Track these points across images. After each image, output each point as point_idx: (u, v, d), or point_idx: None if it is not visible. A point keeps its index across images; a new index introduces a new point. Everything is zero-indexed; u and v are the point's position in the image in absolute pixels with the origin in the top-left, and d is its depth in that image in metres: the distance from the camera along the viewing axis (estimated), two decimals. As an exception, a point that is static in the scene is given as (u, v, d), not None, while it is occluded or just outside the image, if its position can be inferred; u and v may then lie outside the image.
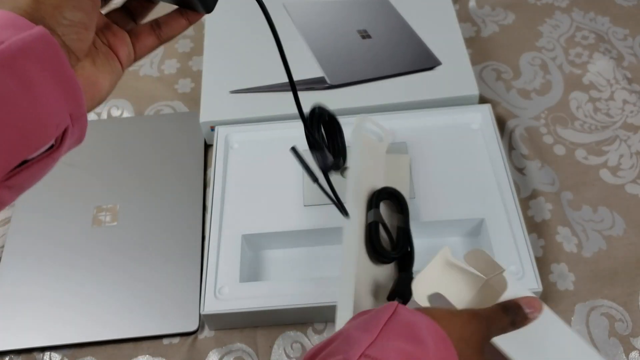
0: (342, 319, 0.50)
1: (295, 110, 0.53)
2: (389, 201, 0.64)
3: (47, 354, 0.65)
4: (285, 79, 0.50)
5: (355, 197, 0.61)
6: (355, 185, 0.62)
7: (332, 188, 0.52)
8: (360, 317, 0.42)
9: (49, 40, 0.33)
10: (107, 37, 0.43)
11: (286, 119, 0.75)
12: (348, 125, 0.74)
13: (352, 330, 0.39)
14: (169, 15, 0.46)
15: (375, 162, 0.68)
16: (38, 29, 0.33)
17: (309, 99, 0.77)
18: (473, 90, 0.76)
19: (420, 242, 0.68)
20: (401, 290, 0.55)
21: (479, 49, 0.88)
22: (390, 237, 0.61)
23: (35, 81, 0.33)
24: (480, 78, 0.84)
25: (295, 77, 0.79)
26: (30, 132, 0.34)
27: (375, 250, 0.59)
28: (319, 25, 0.85)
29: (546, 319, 0.48)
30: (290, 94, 0.50)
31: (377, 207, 0.62)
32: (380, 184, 0.65)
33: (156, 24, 0.45)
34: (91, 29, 0.37)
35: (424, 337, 0.37)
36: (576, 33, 0.88)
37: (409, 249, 0.60)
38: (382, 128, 0.72)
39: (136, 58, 0.45)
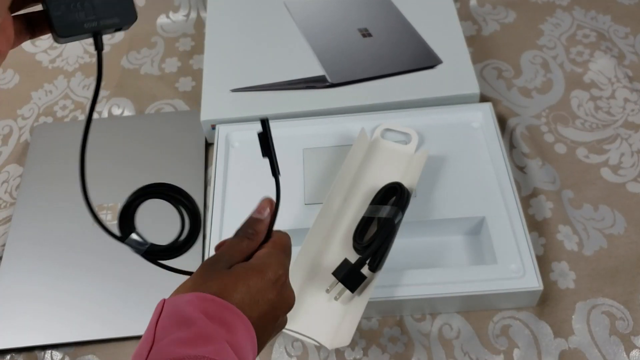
0: None
1: (295, 109, 0.53)
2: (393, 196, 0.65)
3: (48, 352, 0.65)
4: (286, 78, 0.49)
5: (339, 189, 0.66)
6: (342, 180, 0.67)
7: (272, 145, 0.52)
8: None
9: None
10: None
11: (287, 118, 0.75)
12: (349, 124, 0.74)
13: (139, 345, 0.41)
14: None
15: (395, 163, 0.69)
16: None
17: (310, 98, 0.78)
18: (474, 88, 0.76)
19: (420, 240, 0.68)
20: (341, 273, 0.58)
21: (480, 48, 0.88)
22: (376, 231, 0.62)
23: None
24: (481, 76, 0.84)
25: (296, 76, 0.80)
26: None
27: (355, 240, 0.63)
28: (319, 23, 0.85)
29: None
30: (290, 93, 0.50)
31: (379, 203, 0.64)
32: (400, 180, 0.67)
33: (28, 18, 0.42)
34: None
35: (190, 314, 0.39)
36: (577, 31, 0.88)
37: (380, 246, 0.60)
38: (403, 130, 0.72)
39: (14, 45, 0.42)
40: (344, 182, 0.68)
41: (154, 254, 0.48)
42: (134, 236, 0.47)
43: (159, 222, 0.50)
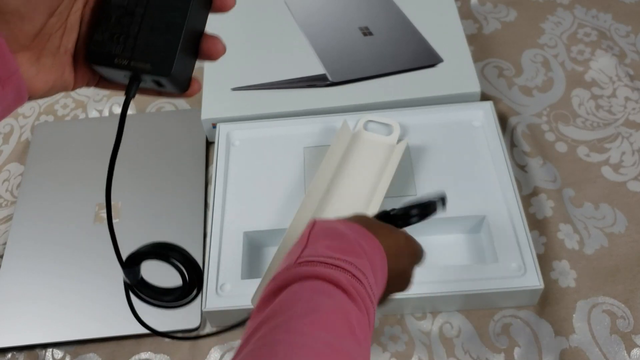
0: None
1: (296, 108, 0.53)
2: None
3: (49, 350, 0.65)
4: (287, 76, 0.48)
5: (321, 180, 0.67)
6: (324, 171, 0.68)
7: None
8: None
9: None
10: (77, 42, 0.38)
11: (287, 116, 0.75)
12: (350, 123, 0.74)
13: (292, 248, 0.44)
14: None
15: (376, 154, 0.69)
16: None
17: (311, 96, 0.78)
18: (475, 87, 0.76)
19: (421, 239, 0.68)
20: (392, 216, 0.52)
21: (481, 46, 0.88)
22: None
23: None
24: (482, 75, 0.84)
25: (297, 74, 0.80)
26: None
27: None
28: (320, 22, 0.85)
29: None
30: (291, 92, 0.49)
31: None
32: (382, 173, 0.65)
33: None
34: (29, 21, 0.32)
35: (342, 231, 0.44)
36: (578, 30, 0.88)
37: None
38: (386, 122, 0.72)
39: (96, 86, 0.40)
40: (326, 174, 0.68)
41: (140, 288, 0.48)
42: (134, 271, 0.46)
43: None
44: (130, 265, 0.46)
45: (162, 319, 0.65)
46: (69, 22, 0.36)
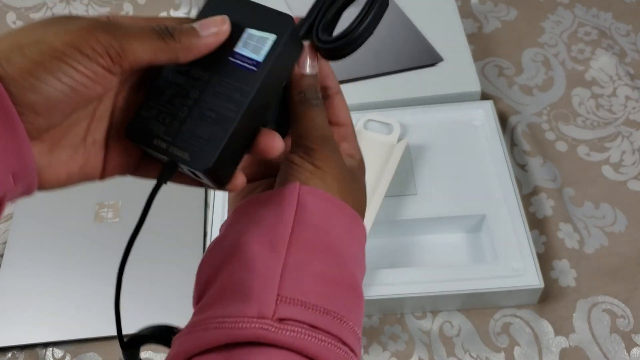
0: None
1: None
2: None
3: (49, 349, 0.65)
4: None
5: None
6: None
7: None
8: (254, 206, 0.35)
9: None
10: (109, 132, 0.34)
11: (288, 116, 0.75)
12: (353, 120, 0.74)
13: (251, 244, 0.32)
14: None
15: (376, 153, 0.69)
16: None
17: (311, 95, 0.77)
18: (475, 86, 0.76)
19: (421, 238, 0.68)
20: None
21: (481, 45, 0.88)
22: None
23: None
24: (482, 74, 0.84)
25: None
26: None
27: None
28: (320, 21, 0.85)
29: None
30: None
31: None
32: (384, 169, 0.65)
33: None
34: (44, 118, 0.29)
35: (335, 244, 0.33)
36: (579, 29, 0.88)
37: None
38: (386, 121, 0.72)
39: (125, 174, 0.36)
40: None
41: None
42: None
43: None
44: (130, 347, 0.42)
45: (162, 317, 0.65)
46: (97, 112, 0.33)
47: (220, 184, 0.34)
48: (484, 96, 0.78)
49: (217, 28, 0.32)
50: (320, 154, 0.35)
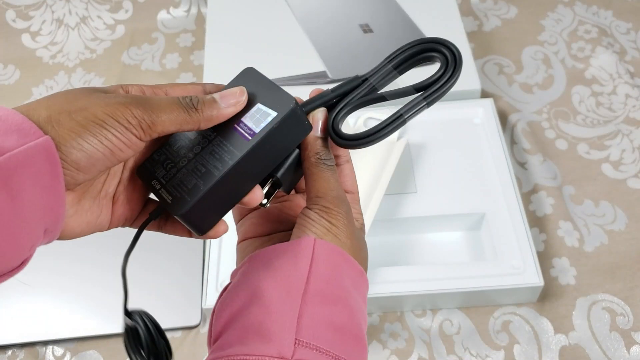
0: None
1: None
2: None
3: (49, 347, 0.65)
4: (287, 74, 0.48)
5: None
6: None
7: None
8: (271, 255, 0.37)
9: (51, 153, 0.30)
10: (118, 187, 0.38)
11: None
12: (350, 120, 0.74)
13: (270, 290, 0.35)
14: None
15: (376, 151, 0.69)
16: (44, 140, 0.30)
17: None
18: (475, 84, 0.76)
19: (421, 236, 0.68)
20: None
21: (481, 43, 0.88)
22: None
23: (25, 196, 0.29)
24: (482, 72, 0.84)
25: (297, 72, 0.80)
26: (3, 254, 0.30)
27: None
28: (320, 19, 0.85)
29: None
30: (291, 89, 0.48)
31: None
32: (383, 169, 0.65)
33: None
34: (84, 174, 0.33)
35: (344, 295, 0.36)
36: (579, 27, 0.88)
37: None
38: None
39: (126, 225, 0.40)
40: None
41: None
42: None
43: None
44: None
45: (163, 316, 0.65)
46: (113, 168, 0.37)
47: (198, 231, 0.38)
48: (484, 94, 0.78)
49: (235, 100, 0.37)
50: (337, 214, 0.38)
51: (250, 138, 0.36)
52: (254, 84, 0.40)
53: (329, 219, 0.37)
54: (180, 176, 0.37)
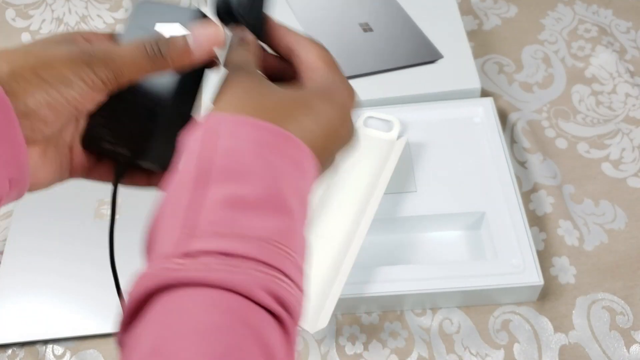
0: None
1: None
2: None
3: (49, 346, 0.65)
4: None
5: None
6: None
7: None
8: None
9: (5, 106, 0.30)
10: (74, 134, 0.38)
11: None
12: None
13: (167, 186, 0.32)
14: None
15: (376, 151, 0.69)
16: None
17: (311, 93, 0.77)
18: (475, 83, 0.76)
19: (421, 235, 0.68)
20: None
21: (481, 42, 0.87)
22: None
23: None
24: (482, 71, 0.84)
25: (297, 71, 0.80)
26: None
27: None
28: (320, 18, 0.85)
29: None
30: None
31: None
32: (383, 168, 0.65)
33: None
34: (50, 127, 0.33)
35: (250, 161, 0.30)
36: (579, 26, 0.88)
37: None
38: (385, 118, 0.72)
39: (84, 175, 0.40)
40: None
41: None
42: None
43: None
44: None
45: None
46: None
47: (164, 167, 0.37)
48: (484, 93, 0.78)
49: (209, 44, 0.35)
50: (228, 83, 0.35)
51: None
52: (154, 12, 0.39)
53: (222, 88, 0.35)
54: (126, 127, 0.37)
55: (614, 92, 0.80)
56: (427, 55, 0.80)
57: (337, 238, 0.63)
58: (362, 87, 0.77)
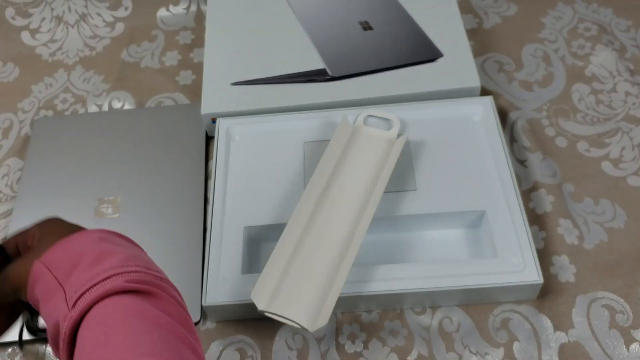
0: None
1: (296, 103, 0.53)
2: None
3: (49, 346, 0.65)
4: (287, 71, 0.47)
5: (321, 176, 0.67)
6: (323, 168, 0.67)
7: None
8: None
9: None
10: None
11: (288, 111, 0.75)
12: (350, 118, 0.74)
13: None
14: None
15: (375, 149, 0.69)
16: None
17: (311, 91, 0.77)
18: (475, 82, 0.76)
19: (420, 234, 0.68)
20: None
21: (481, 41, 0.87)
22: None
23: None
24: (482, 70, 0.84)
25: (297, 69, 0.80)
26: None
27: None
28: (320, 16, 0.85)
29: None
30: (291, 86, 0.48)
31: None
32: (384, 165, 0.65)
33: None
34: None
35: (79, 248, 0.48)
36: (579, 24, 0.88)
37: None
38: (385, 117, 0.72)
39: None
40: (326, 169, 0.68)
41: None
42: None
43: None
44: None
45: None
46: None
47: None
48: (484, 92, 0.78)
49: None
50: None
51: None
52: None
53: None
54: None
55: (614, 91, 0.80)
56: (426, 53, 0.80)
57: (337, 236, 0.63)
58: (361, 86, 0.77)
